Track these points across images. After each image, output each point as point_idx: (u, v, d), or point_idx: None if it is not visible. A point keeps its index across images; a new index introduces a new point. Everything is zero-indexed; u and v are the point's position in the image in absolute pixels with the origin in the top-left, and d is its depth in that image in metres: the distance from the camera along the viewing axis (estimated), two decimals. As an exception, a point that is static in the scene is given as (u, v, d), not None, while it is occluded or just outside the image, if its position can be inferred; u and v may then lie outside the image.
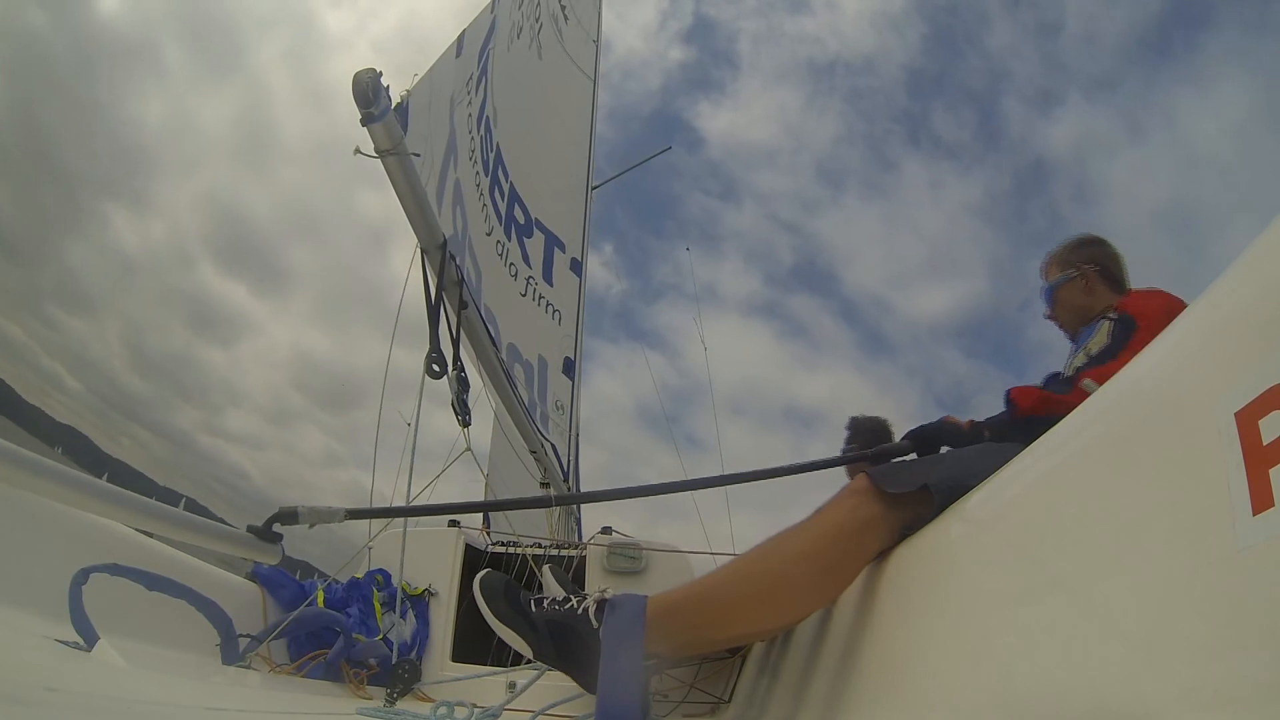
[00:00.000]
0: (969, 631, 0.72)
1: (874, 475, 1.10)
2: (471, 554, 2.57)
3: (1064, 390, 1.37)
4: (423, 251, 2.12)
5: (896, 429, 2.76)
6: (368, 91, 1.70)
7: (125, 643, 1.19)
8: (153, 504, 1.18)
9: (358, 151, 1.85)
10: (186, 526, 1.23)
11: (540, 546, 2.75)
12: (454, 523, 2.64)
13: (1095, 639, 0.51)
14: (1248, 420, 0.42)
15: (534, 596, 1.19)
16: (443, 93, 2.33)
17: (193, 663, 1.49)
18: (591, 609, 1.12)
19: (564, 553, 2.67)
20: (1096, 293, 1.71)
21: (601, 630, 1.08)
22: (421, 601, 2.37)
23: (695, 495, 3.22)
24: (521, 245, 3.32)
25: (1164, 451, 0.50)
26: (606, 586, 1.23)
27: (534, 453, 3.17)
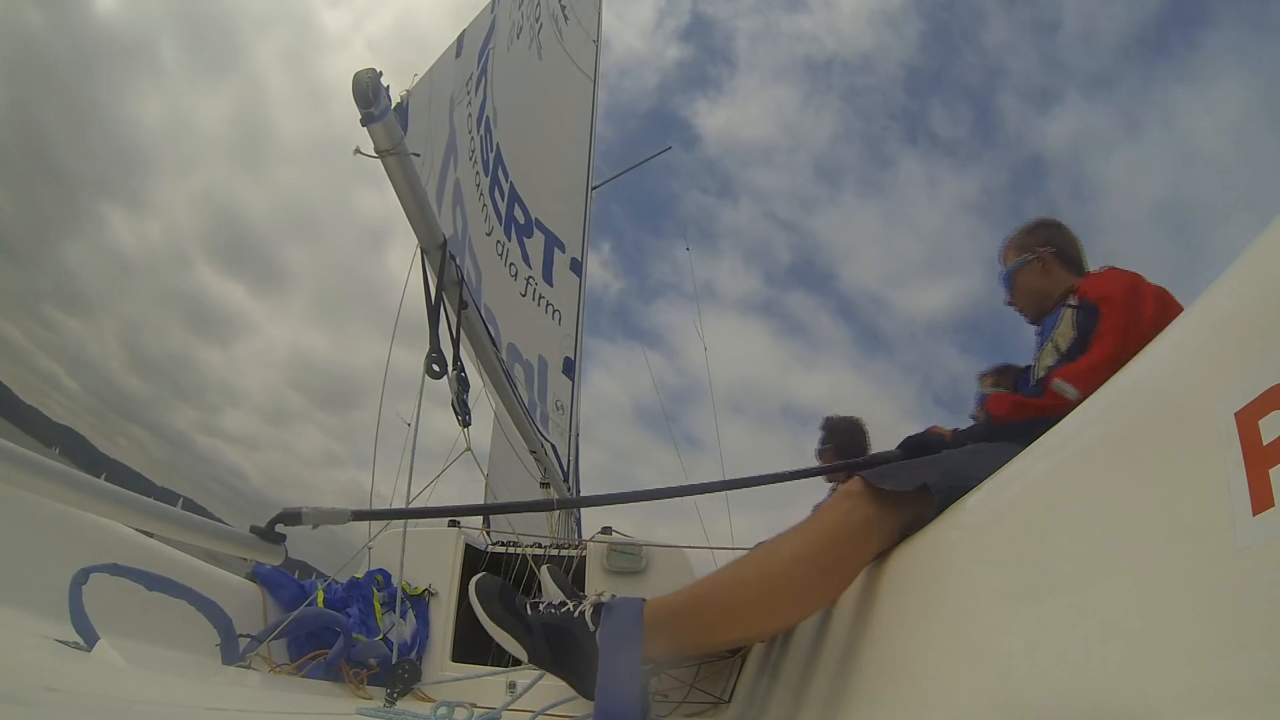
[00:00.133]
0: (969, 632, 0.72)
1: (871, 475, 1.09)
2: (471, 554, 2.57)
3: (1036, 394, 1.38)
4: (423, 251, 2.12)
5: (896, 429, 2.77)
6: (368, 91, 1.70)
7: (125, 643, 1.19)
8: (155, 504, 1.18)
9: (358, 151, 1.84)
10: (189, 527, 1.23)
11: (540, 546, 2.75)
12: (454, 523, 2.64)
13: (1095, 639, 0.51)
14: (1248, 420, 0.42)
15: (531, 600, 1.19)
16: (443, 93, 2.33)
17: (193, 663, 1.48)
18: (588, 612, 1.11)
19: (564, 553, 2.66)
20: (1054, 275, 1.69)
21: (599, 634, 1.07)
22: (421, 601, 2.37)
23: (695, 496, 3.22)
24: (521, 245, 3.32)
25: (1164, 452, 0.50)
26: (604, 590, 1.22)
27: (534, 453, 3.17)
